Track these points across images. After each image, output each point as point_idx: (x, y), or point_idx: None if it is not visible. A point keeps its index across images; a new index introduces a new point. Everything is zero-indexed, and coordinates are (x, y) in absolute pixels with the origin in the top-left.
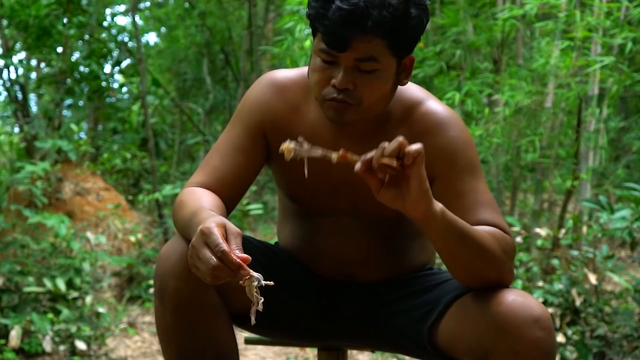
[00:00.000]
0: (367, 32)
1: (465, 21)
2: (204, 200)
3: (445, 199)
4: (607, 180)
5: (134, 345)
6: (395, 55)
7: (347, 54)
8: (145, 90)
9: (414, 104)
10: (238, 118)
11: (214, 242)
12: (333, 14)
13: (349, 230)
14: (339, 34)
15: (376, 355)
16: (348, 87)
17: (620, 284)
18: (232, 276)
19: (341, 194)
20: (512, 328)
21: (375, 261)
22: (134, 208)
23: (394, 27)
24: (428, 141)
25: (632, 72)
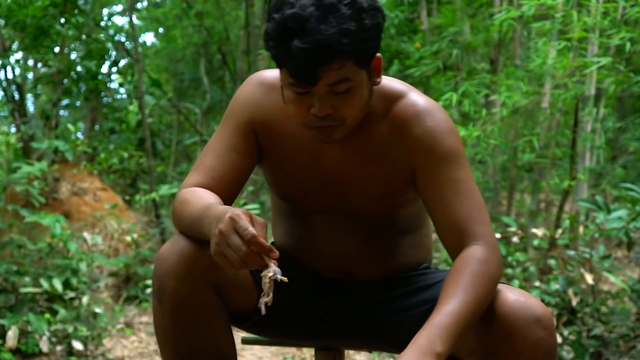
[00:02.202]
0: (332, 61)
1: (463, 21)
2: (210, 197)
3: (427, 190)
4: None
5: (131, 346)
6: (364, 67)
7: (319, 85)
8: (143, 91)
9: (394, 98)
10: (229, 118)
11: (242, 227)
12: (295, 55)
13: (342, 226)
14: (306, 71)
15: (373, 356)
16: (328, 112)
17: (616, 284)
18: (260, 264)
19: (331, 191)
20: (514, 328)
21: (370, 257)
22: (131, 208)
23: (356, 46)
24: (407, 132)
25: (629, 73)
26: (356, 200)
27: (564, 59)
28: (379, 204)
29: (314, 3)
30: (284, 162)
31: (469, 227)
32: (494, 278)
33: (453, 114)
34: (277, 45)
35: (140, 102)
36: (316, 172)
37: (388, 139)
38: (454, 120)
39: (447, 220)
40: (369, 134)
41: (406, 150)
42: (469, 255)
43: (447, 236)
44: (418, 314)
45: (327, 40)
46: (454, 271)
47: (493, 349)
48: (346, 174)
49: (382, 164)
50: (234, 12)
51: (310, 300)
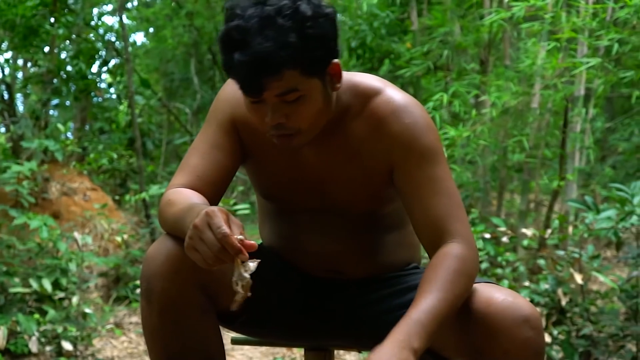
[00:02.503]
0: (274, 72)
1: (453, 22)
2: (194, 197)
3: (405, 188)
4: (593, 181)
5: (121, 346)
6: (314, 76)
7: (266, 95)
8: (133, 90)
9: (371, 95)
10: (212, 117)
11: (216, 224)
12: (237, 67)
13: (326, 225)
14: (249, 83)
15: (363, 355)
16: (281, 121)
17: (606, 284)
18: (230, 261)
19: (312, 190)
20: (502, 328)
21: (357, 255)
22: (120, 208)
23: (298, 57)
24: (384, 129)
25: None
26: (338, 199)
27: (553, 59)
28: (360, 202)
29: (257, 14)
30: (265, 161)
31: (446, 225)
32: (471, 275)
33: (443, 114)
34: (223, 56)
35: (130, 102)
36: (297, 171)
37: (365, 136)
38: (444, 121)
39: (425, 218)
40: (346, 132)
41: (384, 147)
42: (446, 252)
43: (425, 234)
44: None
45: (264, 53)
46: (431, 268)
47: (481, 349)
48: (326, 172)
49: (360, 162)
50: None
51: (299, 300)
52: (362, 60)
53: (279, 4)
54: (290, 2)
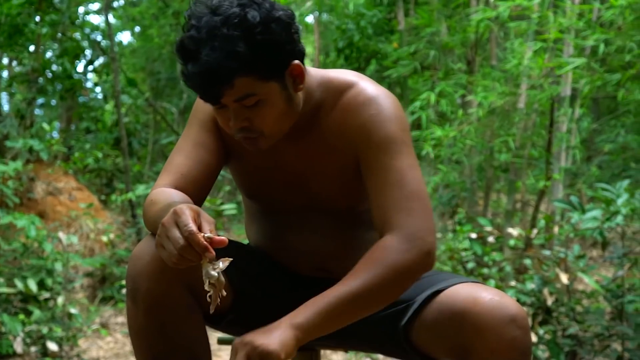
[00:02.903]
0: (227, 81)
1: (439, 22)
2: (175, 196)
3: (364, 178)
4: (579, 181)
5: (107, 346)
6: (270, 79)
7: (224, 101)
8: (119, 90)
9: (343, 89)
10: (194, 117)
11: (183, 222)
12: (191, 79)
13: (312, 223)
14: (205, 92)
15: (350, 355)
16: (243, 125)
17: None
18: (197, 260)
19: (294, 188)
20: (489, 327)
21: (344, 253)
22: (106, 208)
23: (249, 65)
24: (352, 121)
25: (604, 73)
26: (318, 194)
27: (539, 59)
28: (340, 197)
29: (206, 25)
30: (246, 161)
31: (389, 217)
32: (397, 268)
33: (430, 114)
34: (181, 66)
35: (117, 102)
36: (277, 169)
37: (338, 130)
38: (431, 120)
39: (375, 209)
40: (321, 127)
41: (351, 138)
42: (378, 244)
43: (376, 226)
44: (394, 313)
45: (213, 64)
46: (361, 260)
47: (468, 348)
48: (304, 168)
49: (335, 156)
50: None
51: (286, 299)
52: (350, 60)
53: (227, 12)
54: (239, 10)
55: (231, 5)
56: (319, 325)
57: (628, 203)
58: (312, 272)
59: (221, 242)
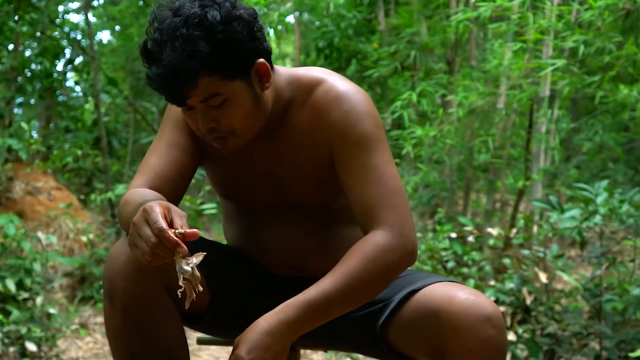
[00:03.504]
0: (189, 82)
1: (420, 22)
2: (148, 196)
3: (341, 175)
4: (558, 181)
5: (86, 347)
6: (235, 78)
7: (190, 103)
8: (99, 89)
9: (313, 85)
10: (167, 117)
11: (153, 219)
12: (156, 79)
13: (287, 221)
14: (170, 93)
15: (329, 355)
16: (212, 125)
17: (570, 283)
18: (170, 256)
19: (270, 187)
20: (464, 327)
21: (320, 252)
22: (86, 208)
23: (211, 64)
24: (324, 117)
25: (583, 74)
26: (293, 192)
27: (519, 60)
28: (313, 194)
29: (167, 26)
30: (220, 161)
31: (374, 213)
32: (387, 264)
33: (411, 114)
34: (146, 68)
35: (96, 101)
36: (250, 168)
37: (309, 127)
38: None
39: (357, 206)
40: (292, 125)
41: (324, 135)
42: (366, 239)
43: (359, 222)
44: (371, 312)
45: (174, 64)
46: (347, 253)
47: (444, 347)
48: (278, 167)
49: (307, 153)
50: None
51: (264, 299)
52: (330, 60)
53: (188, 13)
54: (200, 10)
55: (192, 6)
56: (307, 321)
57: (606, 203)
58: (289, 272)
59: (193, 235)
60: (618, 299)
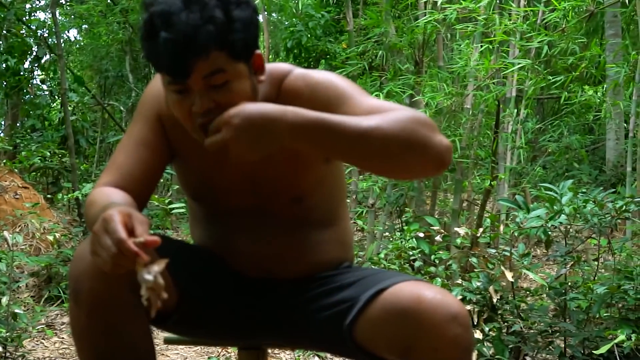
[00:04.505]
0: (201, 51)
1: (388, 23)
2: (114, 196)
3: None
4: (524, 180)
5: (52, 347)
6: (239, 60)
7: (193, 78)
8: (66, 87)
9: (282, 77)
10: (139, 114)
11: (112, 229)
12: (163, 47)
13: (257, 224)
14: (176, 63)
15: (298, 354)
16: (209, 107)
17: (535, 281)
18: (131, 265)
19: (240, 190)
20: (431, 325)
21: (290, 254)
22: (53, 207)
23: (224, 36)
24: (297, 98)
25: (547, 75)
26: (265, 189)
27: (485, 61)
28: (287, 188)
29: None
30: (192, 161)
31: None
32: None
33: None
34: (148, 42)
35: (63, 99)
36: (223, 168)
37: None
38: None
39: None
40: None
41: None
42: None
43: None
44: (338, 312)
45: (191, 28)
46: None
47: (411, 346)
48: (251, 165)
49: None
50: None
51: (231, 300)
52: (299, 60)
53: None
54: None
55: None
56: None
57: (571, 202)
58: (255, 274)
59: (154, 243)
60: (582, 297)
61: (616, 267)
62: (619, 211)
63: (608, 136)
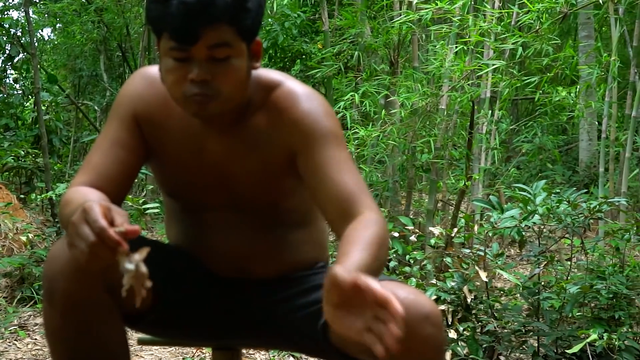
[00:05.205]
0: (214, 20)
1: (363, 23)
2: (90, 195)
3: (309, 171)
4: (498, 181)
5: (25, 348)
6: (244, 40)
7: (199, 46)
8: (39, 87)
9: (272, 87)
10: (114, 113)
11: (92, 217)
12: (177, 9)
13: (233, 223)
14: (187, 27)
15: (272, 354)
16: (206, 78)
17: (509, 281)
18: (108, 256)
19: (217, 188)
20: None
21: (264, 254)
22: (26, 207)
23: (237, 12)
24: (285, 117)
25: (521, 76)
26: (241, 192)
27: (460, 62)
28: (265, 194)
29: None
30: (168, 158)
31: (356, 199)
32: (387, 245)
33: (354, 114)
34: (157, 4)
35: (36, 99)
36: (200, 167)
37: (266, 128)
38: (354, 121)
39: (334, 195)
40: (248, 124)
41: (285, 135)
42: (367, 218)
43: (334, 210)
44: (312, 312)
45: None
46: (354, 229)
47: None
48: (229, 166)
49: (261, 153)
50: (135, 9)
51: (205, 300)
52: (274, 60)
53: None
54: None
55: None
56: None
57: (544, 203)
58: (232, 273)
59: (134, 232)
60: (555, 297)
61: (589, 267)
62: (592, 211)
63: (581, 137)
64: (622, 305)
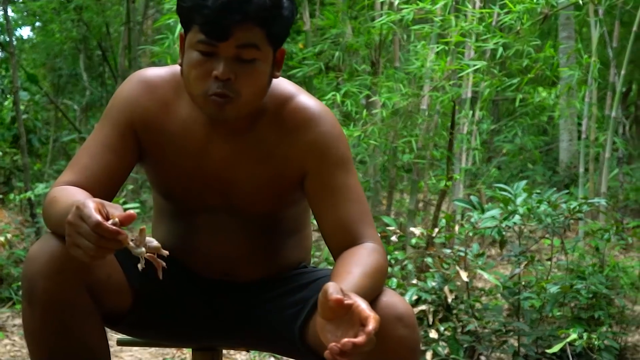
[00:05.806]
0: (247, 19)
1: (344, 23)
2: (79, 195)
3: (318, 194)
4: (479, 181)
5: (4, 349)
6: (271, 45)
7: (228, 43)
8: (18, 86)
9: (285, 99)
10: (108, 117)
11: (86, 214)
12: (214, 3)
13: (225, 227)
14: (219, 22)
15: (253, 355)
16: (230, 77)
17: (490, 281)
18: (116, 246)
19: (214, 190)
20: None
21: (252, 259)
22: (4, 207)
23: (271, 16)
24: (299, 137)
25: (502, 77)
26: (241, 200)
27: (441, 62)
28: (264, 204)
29: None
30: (167, 161)
31: (360, 229)
32: (385, 274)
33: (335, 114)
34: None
35: (15, 98)
36: (201, 171)
37: (278, 141)
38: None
39: (338, 222)
40: (258, 134)
41: (297, 153)
42: (366, 247)
43: (337, 238)
44: (293, 313)
45: None
46: (352, 255)
47: None
48: (232, 173)
49: (270, 165)
50: (115, 7)
51: (186, 301)
52: None
53: None
54: None
55: None
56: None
57: (525, 203)
58: (213, 275)
59: (129, 217)
60: (536, 297)
61: (569, 267)
62: (572, 212)
63: (561, 137)
64: (602, 305)
